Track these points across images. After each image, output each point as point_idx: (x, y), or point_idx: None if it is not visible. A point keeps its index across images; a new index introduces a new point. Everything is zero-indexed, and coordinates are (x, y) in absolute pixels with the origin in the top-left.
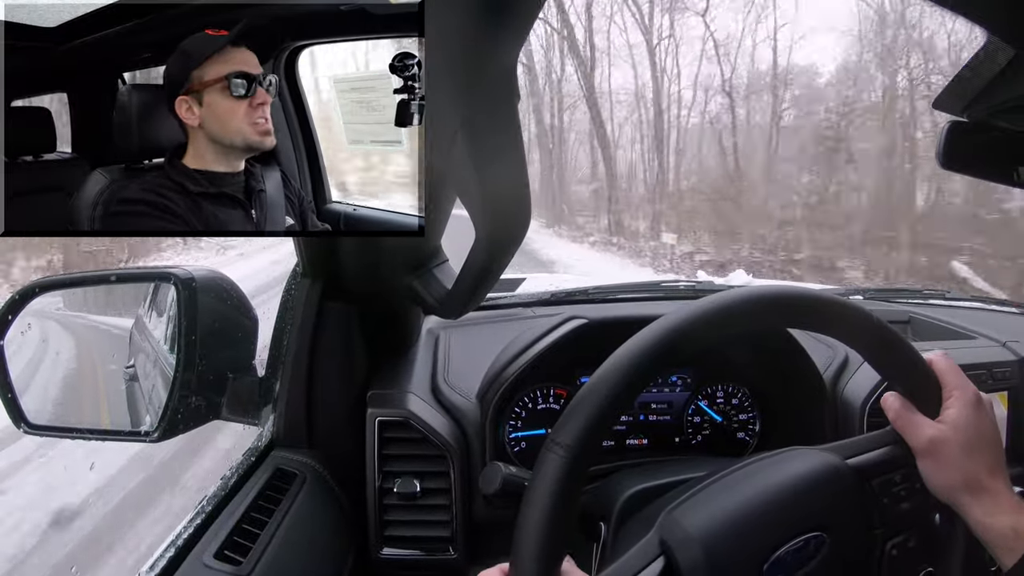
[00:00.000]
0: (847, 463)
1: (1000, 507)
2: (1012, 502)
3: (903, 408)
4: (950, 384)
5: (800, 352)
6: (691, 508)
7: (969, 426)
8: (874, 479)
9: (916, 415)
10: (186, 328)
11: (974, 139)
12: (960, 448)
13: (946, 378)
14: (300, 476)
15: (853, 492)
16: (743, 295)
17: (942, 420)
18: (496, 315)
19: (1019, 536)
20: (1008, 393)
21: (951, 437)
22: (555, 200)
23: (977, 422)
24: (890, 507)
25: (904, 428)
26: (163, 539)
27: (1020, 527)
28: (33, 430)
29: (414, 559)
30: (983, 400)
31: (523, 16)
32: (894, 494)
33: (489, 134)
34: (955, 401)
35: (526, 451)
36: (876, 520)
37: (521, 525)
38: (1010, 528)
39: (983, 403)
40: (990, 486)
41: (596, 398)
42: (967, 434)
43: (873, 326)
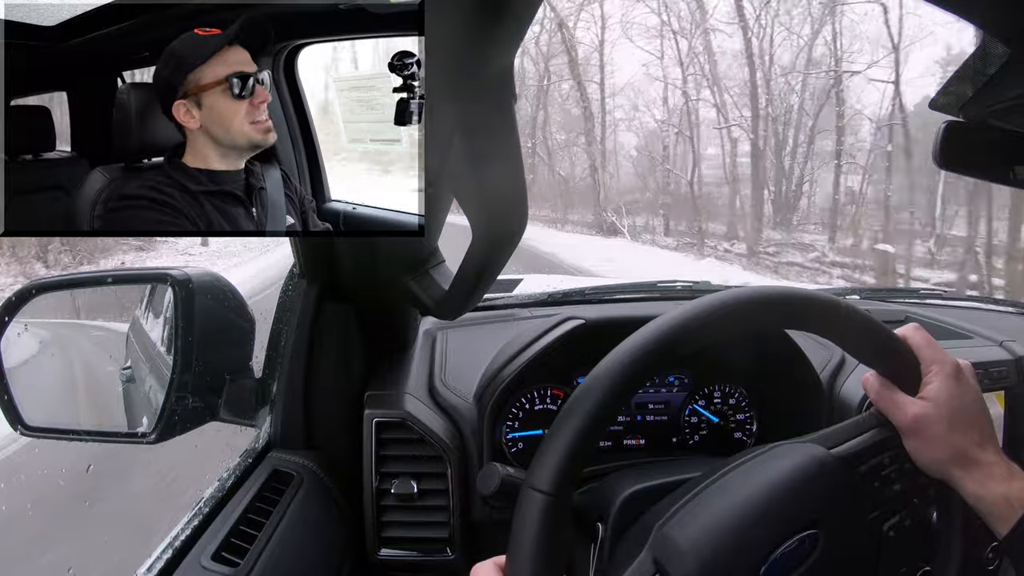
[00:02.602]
0: (832, 454)
1: (991, 477)
2: (1003, 471)
3: (883, 388)
4: (927, 358)
5: (797, 352)
6: (681, 521)
7: (952, 399)
8: (862, 465)
9: (897, 394)
10: (183, 329)
11: (970, 139)
12: (945, 423)
13: (923, 352)
14: (297, 477)
15: (842, 483)
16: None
17: (924, 396)
18: (493, 316)
19: (1011, 505)
20: (1005, 392)
21: (934, 413)
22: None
23: (960, 394)
24: (882, 490)
25: (887, 408)
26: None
27: (1012, 496)
28: (29, 432)
29: (412, 560)
30: (963, 370)
31: (519, 16)
32: (884, 477)
33: (486, 134)
34: (935, 375)
35: (523, 451)
36: (869, 505)
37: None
38: (1002, 498)
39: (963, 373)
40: (979, 457)
41: (567, 434)
42: (950, 408)
43: (844, 313)
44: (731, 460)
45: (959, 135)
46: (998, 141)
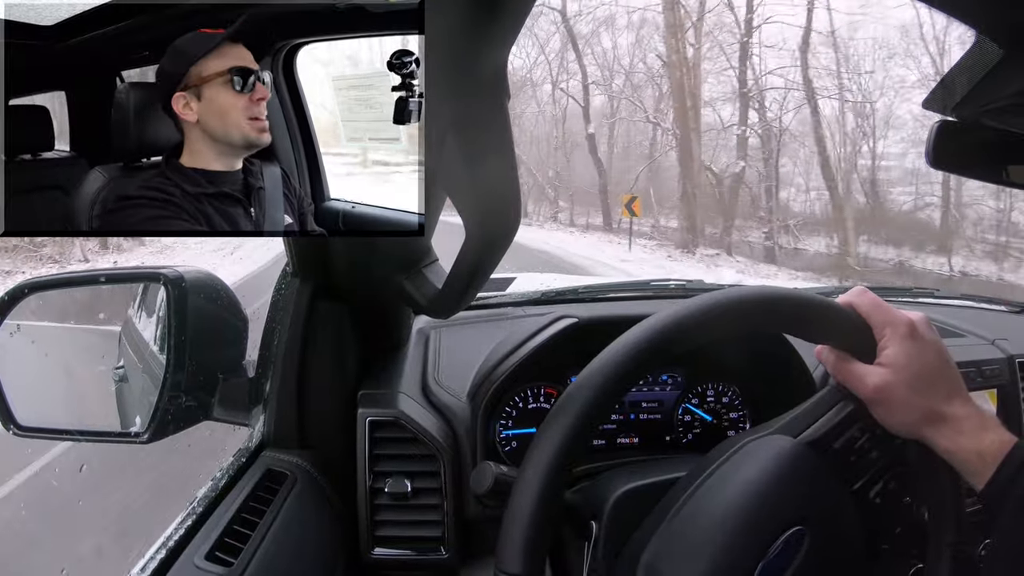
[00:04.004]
0: (801, 442)
1: (962, 432)
2: (973, 424)
3: (840, 360)
4: (878, 321)
5: (790, 350)
6: (665, 549)
7: (911, 360)
8: (833, 444)
9: (854, 364)
10: (176, 328)
11: (963, 139)
12: (907, 386)
13: (872, 317)
14: (291, 477)
15: (816, 469)
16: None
17: (881, 362)
18: (487, 314)
19: (983, 459)
20: (997, 391)
21: (894, 378)
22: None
23: (918, 353)
24: (859, 462)
25: (846, 380)
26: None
27: (984, 450)
28: (22, 432)
29: (405, 559)
30: (918, 326)
31: (514, 15)
32: (859, 449)
33: (479, 132)
34: (889, 339)
35: (517, 450)
36: (852, 478)
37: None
38: (974, 453)
39: (918, 330)
40: (948, 413)
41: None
42: (910, 370)
43: (785, 299)
44: (705, 462)
45: (951, 134)
46: (991, 141)
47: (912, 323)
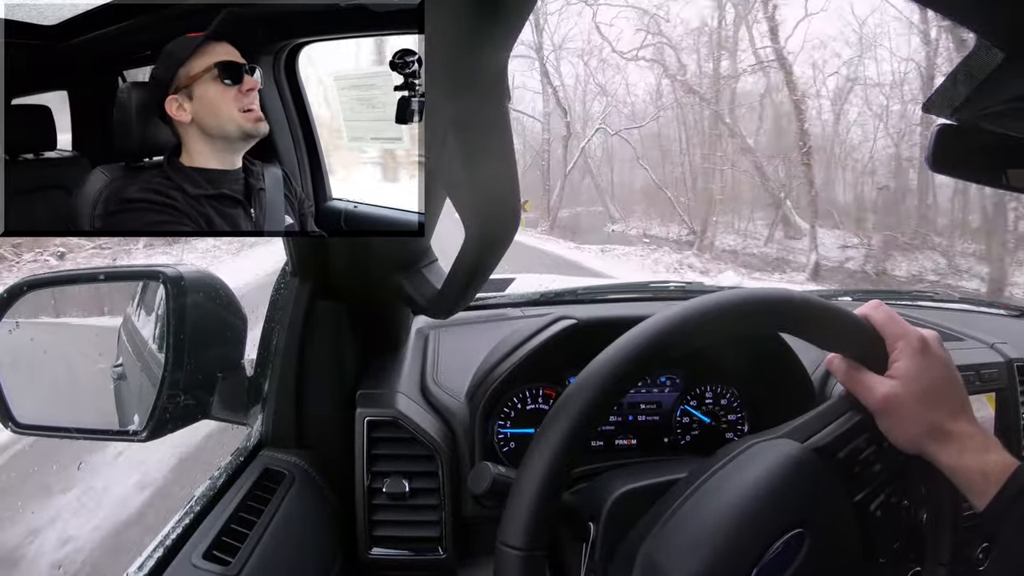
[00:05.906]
0: (807, 447)
1: (966, 450)
2: (977, 443)
3: (851, 369)
4: (892, 334)
5: (788, 353)
6: (664, 542)
7: (921, 375)
8: (838, 452)
9: (865, 374)
10: (175, 327)
11: (963, 142)
12: (915, 399)
13: (886, 329)
14: (289, 476)
15: (821, 476)
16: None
17: (892, 374)
18: (485, 315)
19: (987, 478)
20: (995, 394)
21: (903, 391)
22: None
23: (928, 367)
24: (863, 473)
25: (855, 390)
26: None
27: (987, 469)
28: (20, 429)
29: (403, 559)
30: (930, 343)
31: (514, 15)
32: (864, 460)
33: (479, 133)
34: (901, 352)
35: (515, 451)
36: (854, 489)
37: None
38: (978, 471)
39: (930, 346)
40: (953, 430)
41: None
42: (920, 383)
43: (800, 305)
44: (709, 463)
45: (952, 138)
46: (991, 145)
47: (924, 339)
